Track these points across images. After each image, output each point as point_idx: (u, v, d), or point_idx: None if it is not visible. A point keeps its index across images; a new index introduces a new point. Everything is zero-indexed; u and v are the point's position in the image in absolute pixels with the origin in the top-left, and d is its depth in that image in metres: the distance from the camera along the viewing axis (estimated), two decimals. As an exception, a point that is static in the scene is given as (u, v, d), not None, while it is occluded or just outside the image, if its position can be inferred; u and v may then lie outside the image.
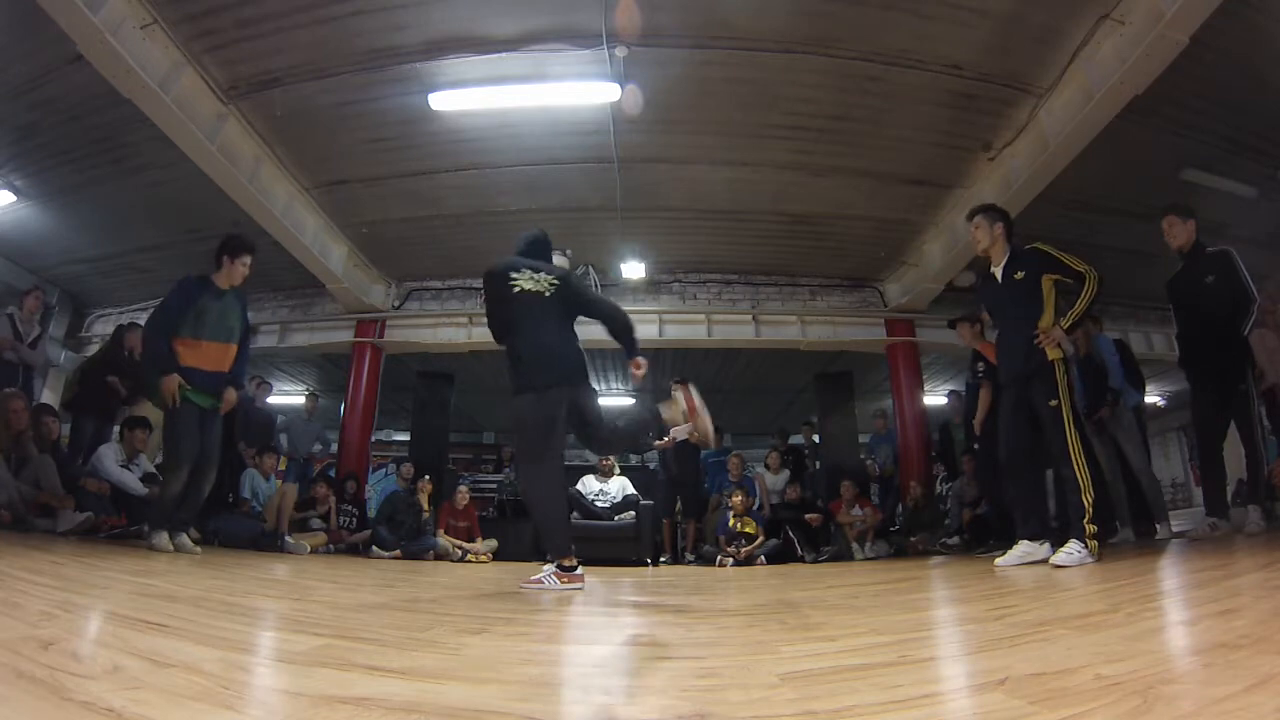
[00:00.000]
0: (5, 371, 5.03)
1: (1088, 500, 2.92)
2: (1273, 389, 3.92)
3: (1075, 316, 3.06)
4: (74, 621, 1.24)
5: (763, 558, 5.36)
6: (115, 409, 5.23)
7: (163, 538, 3.53)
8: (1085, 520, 2.89)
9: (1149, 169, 5.05)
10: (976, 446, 5.03)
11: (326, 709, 0.75)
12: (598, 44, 4.08)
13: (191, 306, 3.69)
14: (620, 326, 2.82)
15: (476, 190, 5.69)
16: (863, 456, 7.84)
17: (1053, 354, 3.06)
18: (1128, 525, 4.37)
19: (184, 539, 3.70)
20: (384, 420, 10.04)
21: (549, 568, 2.67)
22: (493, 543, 5.98)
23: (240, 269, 3.83)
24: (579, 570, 2.67)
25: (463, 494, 6.19)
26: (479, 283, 8.10)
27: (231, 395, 3.90)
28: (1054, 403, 3.02)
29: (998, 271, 3.32)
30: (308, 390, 8.82)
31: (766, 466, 7.10)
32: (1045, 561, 2.98)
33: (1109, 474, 4.43)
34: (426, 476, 6.21)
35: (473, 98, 4.51)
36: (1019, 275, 3.21)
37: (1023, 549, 3.15)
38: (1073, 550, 2.82)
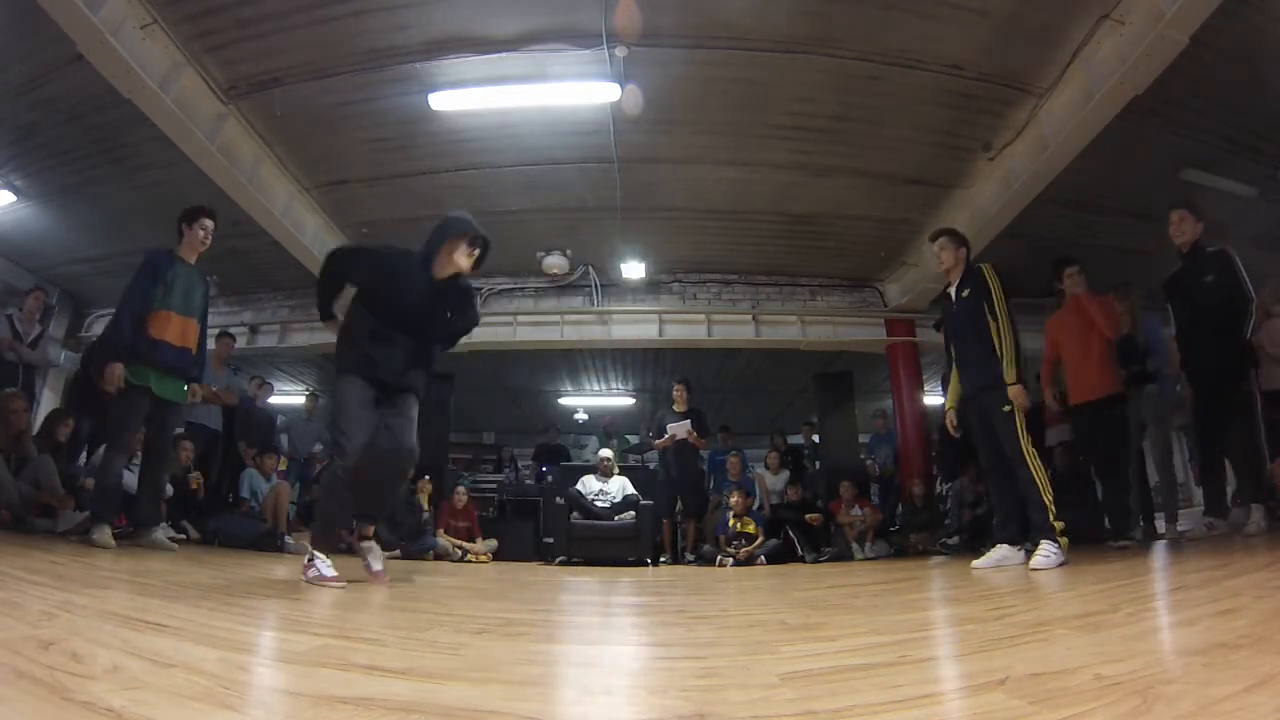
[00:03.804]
0: (5, 371, 5.03)
1: (1048, 499, 2.98)
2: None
3: (1010, 364, 3.12)
4: (74, 621, 1.24)
5: (763, 558, 5.36)
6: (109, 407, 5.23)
7: (104, 532, 3.37)
8: (1051, 519, 2.94)
9: (1149, 169, 5.04)
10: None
11: (326, 709, 0.75)
12: (598, 44, 4.07)
13: (161, 280, 3.62)
14: None
15: (476, 190, 5.69)
16: (863, 456, 7.84)
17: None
18: (1138, 525, 4.34)
19: (159, 534, 3.64)
20: (384, 420, 10.00)
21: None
22: (492, 543, 5.97)
23: (199, 233, 3.78)
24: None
25: (460, 494, 6.18)
26: (479, 283, 8.12)
27: (196, 390, 3.83)
28: (1006, 409, 3.13)
29: (953, 292, 3.49)
30: (308, 390, 8.83)
31: (766, 467, 7.10)
32: (1023, 565, 3.02)
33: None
34: (426, 476, 6.19)
35: (473, 98, 4.50)
36: (966, 293, 3.37)
37: (1001, 553, 3.22)
38: (1047, 552, 2.87)
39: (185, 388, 3.79)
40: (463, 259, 2.68)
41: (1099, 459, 4.17)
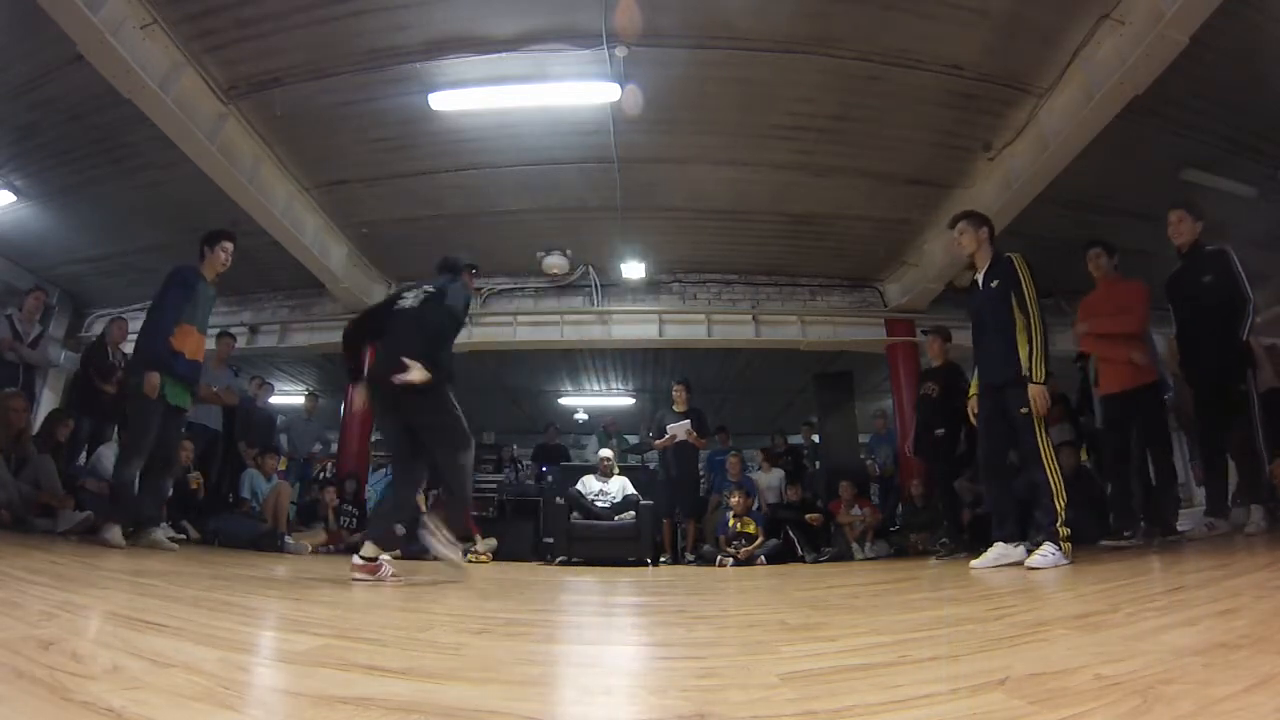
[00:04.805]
0: (6, 372, 5.03)
1: (1060, 504, 2.97)
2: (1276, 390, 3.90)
3: (1039, 362, 3.05)
4: (74, 621, 1.24)
5: (763, 558, 5.36)
6: (110, 407, 5.24)
7: (115, 532, 3.49)
8: (1059, 524, 2.94)
9: (1149, 169, 5.04)
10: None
11: (326, 709, 0.75)
12: (598, 44, 4.07)
13: (192, 294, 3.80)
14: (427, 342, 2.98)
15: (476, 190, 5.69)
16: (863, 456, 7.84)
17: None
18: (1139, 525, 4.33)
19: (159, 534, 3.72)
20: (384, 420, 10.02)
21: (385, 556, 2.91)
22: (491, 541, 5.97)
23: (221, 255, 3.97)
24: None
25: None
26: (479, 283, 8.10)
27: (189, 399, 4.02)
28: (1025, 410, 3.07)
29: (980, 279, 3.40)
30: (308, 390, 8.83)
31: (758, 467, 7.10)
32: (1020, 564, 3.02)
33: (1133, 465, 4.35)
34: None
35: (473, 98, 4.51)
36: (994, 284, 3.28)
37: (998, 550, 3.20)
38: (1047, 553, 2.88)
39: (189, 397, 3.97)
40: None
41: (1117, 453, 4.10)
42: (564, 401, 11.29)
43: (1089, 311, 4.13)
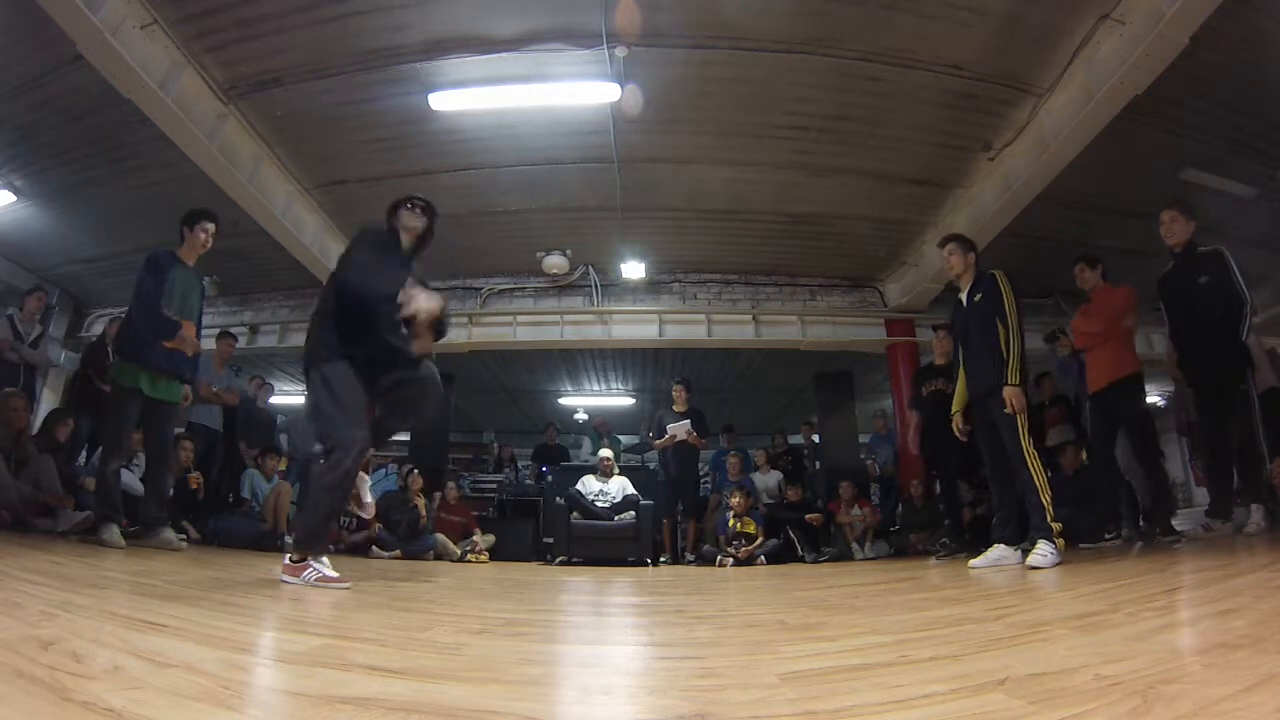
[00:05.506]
0: (6, 372, 5.03)
1: (1046, 500, 3.04)
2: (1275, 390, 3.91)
3: (1015, 371, 3.17)
4: (74, 621, 1.24)
5: (763, 558, 5.36)
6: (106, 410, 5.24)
7: (113, 531, 3.43)
8: (1049, 520, 3.00)
9: (1149, 169, 5.05)
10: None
11: (326, 709, 0.75)
12: (598, 44, 4.07)
13: (165, 278, 3.63)
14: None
15: (476, 190, 5.69)
16: (863, 456, 7.84)
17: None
18: (1133, 524, 4.35)
19: (168, 534, 3.68)
20: (384, 420, 9.99)
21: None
22: (490, 537, 5.98)
23: (201, 236, 3.78)
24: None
25: (450, 489, 6.17)
26: (479, 283, 8.10)
27: (188, 392, 3.87)
28: (1008, 411, 3.17)
29: (964, 296, 3.53)
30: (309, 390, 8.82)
31: (755, 467, 7.11)
32: (1020, 565, 3.07)
33: (1122, 465, 4.36)
34: (415, 470, 5.94)
35: (473, 98, 4.51)
36: (978, 298, 3.41)
37: (998, 552, 3.28)
38: (1045, 552, 2.93)
39: (180, 389, 3.81)
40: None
41: (1103, 449, 4.12)
42: (564, 401, 11.29)
43: (1083, 324, 4.18)
